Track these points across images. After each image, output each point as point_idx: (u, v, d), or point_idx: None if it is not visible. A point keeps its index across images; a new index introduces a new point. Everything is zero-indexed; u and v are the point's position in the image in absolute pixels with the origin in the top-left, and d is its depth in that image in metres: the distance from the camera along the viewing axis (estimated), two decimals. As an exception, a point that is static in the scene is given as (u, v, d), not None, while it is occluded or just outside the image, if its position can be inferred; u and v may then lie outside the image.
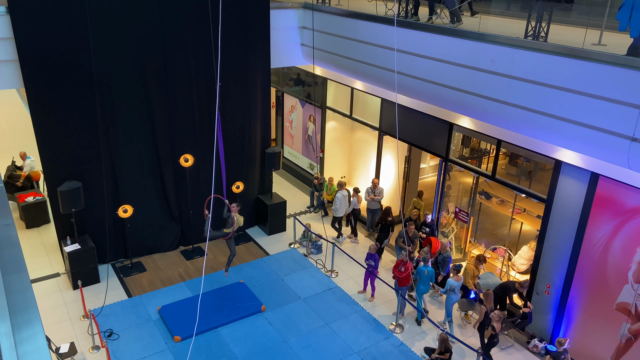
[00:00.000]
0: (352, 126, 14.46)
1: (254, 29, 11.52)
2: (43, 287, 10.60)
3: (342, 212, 12.51)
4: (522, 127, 8.35)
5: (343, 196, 12.35)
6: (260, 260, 11.85)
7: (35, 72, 9.55)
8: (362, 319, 10.08)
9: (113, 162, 10.80)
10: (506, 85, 8.23)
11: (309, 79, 14.78)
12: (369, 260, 10.53)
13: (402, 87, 10.08)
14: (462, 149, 12.63)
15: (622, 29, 7.21)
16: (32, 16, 9.22)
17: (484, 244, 11.88)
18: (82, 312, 9.90)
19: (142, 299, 10.38)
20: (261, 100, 12.29)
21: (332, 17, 11.79)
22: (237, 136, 12.12)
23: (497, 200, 11.71)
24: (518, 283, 9.44)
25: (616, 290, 8.22)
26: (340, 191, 12.39)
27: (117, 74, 10.24)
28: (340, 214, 12.52)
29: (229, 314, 9.90)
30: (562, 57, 7.42)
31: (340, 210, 12.46)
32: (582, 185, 8.37)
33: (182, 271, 11.38)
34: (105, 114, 10.36)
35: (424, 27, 9.62)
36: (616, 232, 8.09)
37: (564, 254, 8.87)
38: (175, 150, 11.30)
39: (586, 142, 7.43)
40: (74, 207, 10.12)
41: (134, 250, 11.49)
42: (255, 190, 12.99)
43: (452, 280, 9.64)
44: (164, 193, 11.62)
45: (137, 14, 10.09)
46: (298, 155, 16.03)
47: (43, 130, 9.97)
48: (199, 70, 11.02)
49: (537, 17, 7.91)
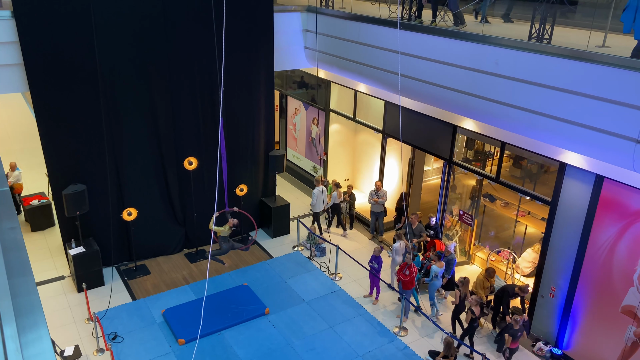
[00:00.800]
0: (356, 129, 14.46)
1: (258, 32, 11.55)
2: (48, 290, 10.63)
3: (320, 207, 12.82)
4: (526, 129, 8.33)
5: (319, 192, 12.65)
6: (264, 263, 11.86)
7: (40, 76, 9.60)
8: (366, 322, 10.07)
9: (117, 165, 10.83)
10: (510, 88, 8.22)
11: (313, 81, 14.80)
12: (373, 262, 10.52)
13: (405, 90, 10.08)
14: (466, 151, 12.61)
15: (626, 30, 7.19)
16: (37, 20, 9.28)
17: (488, 247, 11.85)
18: (86, 315, 9.92)
19: (146, 302, 10.39)
20: (265, 103, 12.32)
21: (335, 20, 11.81)
22: (241, 139, 12.14)
23: (502, 202, 11.68)
24: (518, 287, 9.40)
25: (622, 293, 8.18)
26: (316, 187, 12.71)
27: (121, 78, 10.29)
28: (318, 209, 12.82)
29: (233, 317, 9.91)
30: (566, 59, 7.41)
31: (318, 206, 12.77)
32: (587, 188, 8.33)
33: (186, 274, 11.39)
34: (109, 117, 10.40)
35: (427, 30, 9.62)
36: (621, 234, 8.05)
37: (569, 257, 8.83)
38: (180, 153, 11.33)
39: (591, 145, 7.41)
40: (78, 210, 10.15)
41: (139, 253, 11.52)
42: (259, 193, 13.01)
43: (435, 266, 10.02)
44: (168, 196, 11.65)
45: (142, 18, 10.14)
46: (302, 158, 16.04)
47: (48, 134, 10.02)
48: (203, 73, 11.05)
49: (541, 20, 7.90)
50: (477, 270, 11.66)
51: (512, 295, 9.48)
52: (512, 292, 9.44)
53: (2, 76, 9.68)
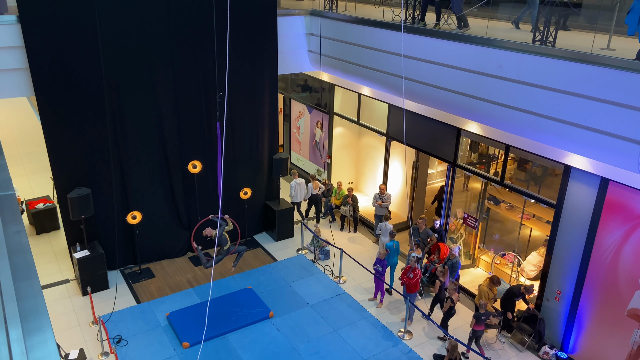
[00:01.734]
0: (360, 132, 14.47)
1: (262, 36, 11.59)
2: (53, 293, 10.67)
3: (299, 198, 13.46)
4: (531, 132, 8.31)
5: (297, 184, 13.34)
6: (268, 267, 11.86)
7: (45, 80, 9.66)
8: (371, 325, 10.04)
9: (122, 169, 10.87)
10: (514, 90, 8.20)
11: (317, 85, 14.82)
12: (377, 265, 10.50)
13: (409, 93, 10.08)
14: (470, 154, 12.58)
15: (630, 33, 7.18)
16: (43, 25, 9.34)
17: (493, 250, 11.81)
18: (91, 318, 9.94)
19: (150, 305, 10.41)
20: (268, 106, 12.34)
21: (339, 24, 11.83)
22: (245, 142, 12.18)
23: (506, 205, 11.64)
24: (523, 287, 9.48)
25: (627, 297, 8.13)
26: (294, 179, 13.35)
27: (126, 82, 10.33)
28: (297, 200, 13.46)
29: (237, 320, 9.90)
30: (570, 61, 7.39)
31: (296, 197, 13.41)
32: (592, 191, 8.30)
33: (191, 277, 11.40)
34: (114, 121, 10.45)
35: (431, 33, 9.62)
36: (627, 237, 8.01)
37: (574, 260, 8.79)
38: (184, 157, 11.36)
39: (595, 147, 7.38)
40: (83, 214, 10.19)
41: (143, 256, 11.54)
42: (263, 196, 13.02)
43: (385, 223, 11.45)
44: (173, 199, 11.68)
45: (146, 21, 10.19)
46: (305, 161, 16.05)
47: (53, 138, 10.07)
48: (207, 77, 11.08)
49: (545, 22, 7.89)
50: (482, 274, 11.62)
51: (517, 295, 9.50)
52: (518, 292, 9.46)
53: (8, 80, 9.74)
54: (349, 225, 13.62)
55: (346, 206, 13.23)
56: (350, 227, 13.57)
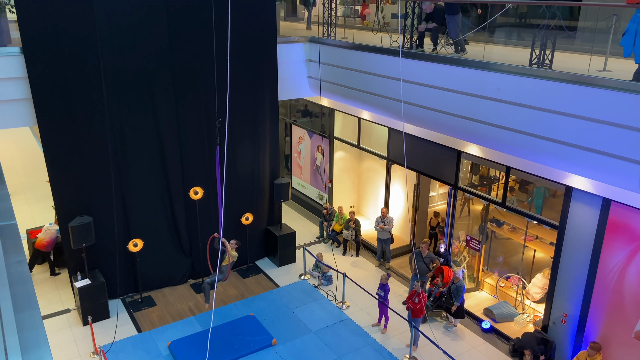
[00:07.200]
0: (360, 156, 14.53)
1: (262, 62, 11.74)
2: (53, 323, 10.55)
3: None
4: (530, 153, 8.34)
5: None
6: (270, 293, 11.75)
7: (47, 110, 9.75)
8: (375, 351, 9.90)
9: (124, 196, 10.89)
10: (513, 113, 8.26)
11: (317, 110, 14.95)
12: (380, 290, 10.41)
13: (409, 116, 10.15)
14: (471, 176, 12.60)
15: (626, 55, 7.27)
16: (45, 56, 9.46)
17: (497, 273, 11.71)
18: (92, 348, 9.81)
19: (152, 334, 10.28)
20: (269, 131, 12.43)
21: (337, 50, 12.00)
22: (246, 168, 12.21)
23: (509, 227, 11.60)
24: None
25: (634, 318, 8.03)
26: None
27: (127, 110, 10.42)
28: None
29: (240, 348, 9.77)
30: (567, 83, 7.47)
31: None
32: (594, 211, 8.28)
33: (192, 305, 11.29)
34: (116, 149, 10.51)
35: (429, 57, 9.75)
36: (631, 257, 7.95)
37: (579, 282, 8.71)
38: (186, 184, 11.38)
39: (594, 168, 7.40)
40: (84, 242, 10.16)
41: (144, 284, 11.46)
42: (265, 221, 13.00)
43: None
44: (175, 226, 11.65)
45: (147, 48, 10.32)
46: (307, 186, 16.07)
47: (55, 167, 10.12)
48: (208, 104, 11.18)
49: (541, 45, 8.00)
50: (486, 297, 11.51)
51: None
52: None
53: (11, 111, 9.85)
54: (351, 249, 13.54)
55: (348, 230, 13.19)
56: (352, 252, 13.50)
